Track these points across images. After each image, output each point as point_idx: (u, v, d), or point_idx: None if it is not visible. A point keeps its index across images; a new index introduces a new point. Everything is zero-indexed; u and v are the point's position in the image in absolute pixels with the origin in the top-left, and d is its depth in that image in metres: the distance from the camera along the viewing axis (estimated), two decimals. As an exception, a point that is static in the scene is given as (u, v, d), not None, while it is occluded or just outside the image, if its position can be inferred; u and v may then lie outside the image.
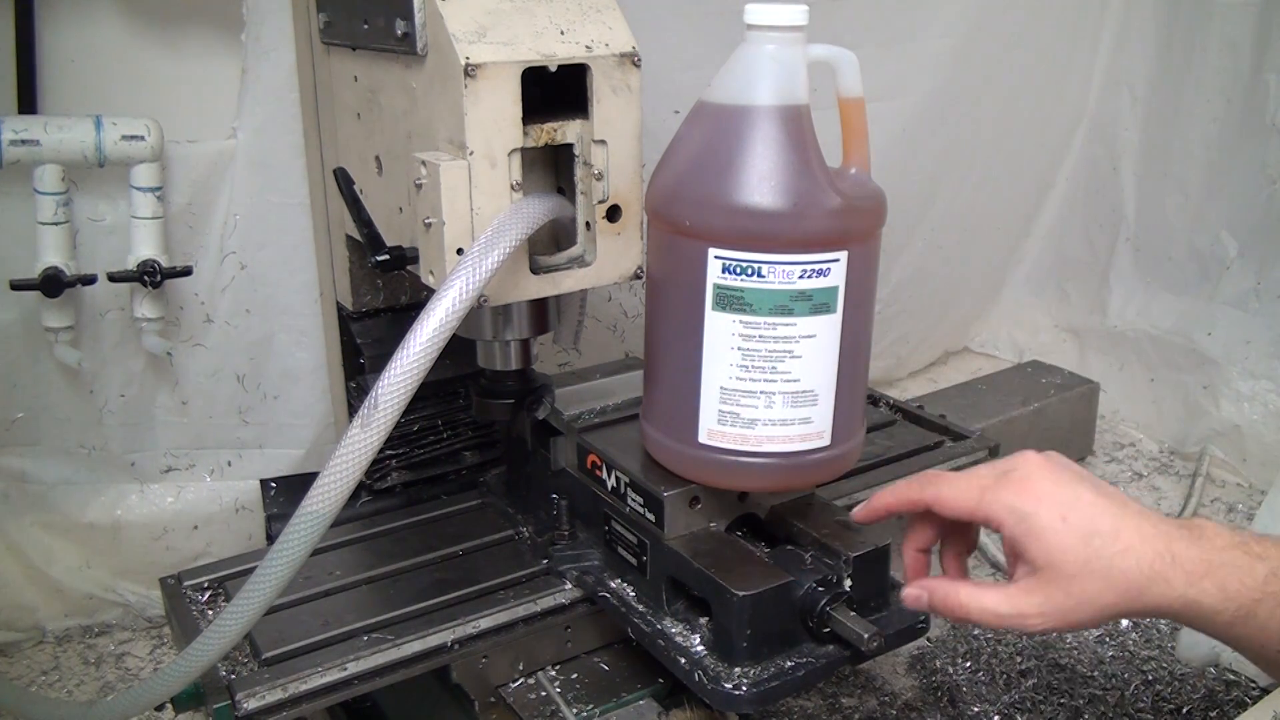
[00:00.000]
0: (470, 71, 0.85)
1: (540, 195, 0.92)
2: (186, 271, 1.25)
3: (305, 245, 1.30)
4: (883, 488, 0.85)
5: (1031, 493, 0.72)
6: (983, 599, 0.74)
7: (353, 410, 1.21)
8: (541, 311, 1.08)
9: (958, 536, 0.83)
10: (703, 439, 0.91)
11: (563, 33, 0.91)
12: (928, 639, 1.36)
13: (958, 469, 1.30)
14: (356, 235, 1.05)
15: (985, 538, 1.51)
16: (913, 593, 0.79)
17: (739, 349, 0.87)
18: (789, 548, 0.94)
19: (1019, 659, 1.34)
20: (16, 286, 1.18)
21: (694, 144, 0.88)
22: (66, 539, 1.38)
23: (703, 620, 0.93)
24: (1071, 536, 0.70)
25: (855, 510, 0.86)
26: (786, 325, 0.86)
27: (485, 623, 1.00)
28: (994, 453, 1.33)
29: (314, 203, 1.26)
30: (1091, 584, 0.69)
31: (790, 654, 0.89)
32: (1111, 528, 0.70)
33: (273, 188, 1.28)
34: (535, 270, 0.95)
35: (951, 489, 0.77)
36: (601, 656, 1.11)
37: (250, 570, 0.86)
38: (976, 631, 1.39)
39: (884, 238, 0.92)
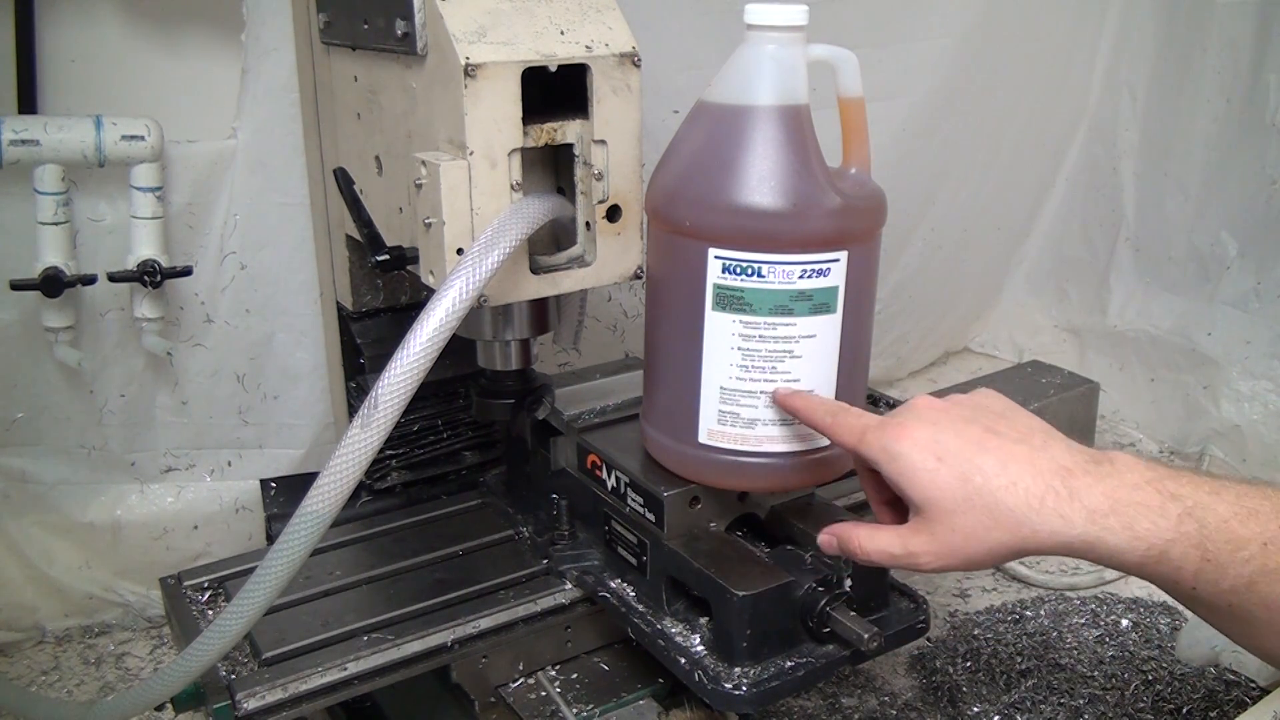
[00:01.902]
0: (470, 71, 0.85)
1: (540, 195, 0.92)
2: (186, 271, 1.25)
3: (305, 245, 1.30)
4: (805, 392, 0.85)
5: (908, 435, 0.72)
6: (877, 539, 0.74)
7: (353, 410, 1.21)
8: (541, 311, 1.08)
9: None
10: (703, 439, 0.91)
11: (563, 33, 0.91)
12: (928, 639, 1.36)
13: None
14: (356, 235, 1.05)
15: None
16: (824, 538, 0.80)
17: (739, 349, 0.87)
18: (789, 548, 0.94)
19: (1019, 659, 1.34)
20: (16, 286, 1.18)
21: (694, 144, 0.88)
22: (66, 539, 1.38)
23: (703, 620, 0.93)
24: (948, 475, 0.69)
25: (778, 393, 0.86)
26: (786, 325, 0.86)
27: (485, 623, 1.00)
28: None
29: (314, 203, 1.26)
30: (974, 520, 0.68)
31: (790, 654, 0.89)
32: (996, 464, 0.69)
33: (273, 188, 1.28)
34: (535, 270, 0.95)
35: (843, 423, 0.78)
36: (601, 656, 1.11)
37: (250, 570, 0.86)
38: (976, 631, 1.40)
39: (884, 238, 0.92)
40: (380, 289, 1.24)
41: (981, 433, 0.71)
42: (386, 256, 0.98)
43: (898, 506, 0.79)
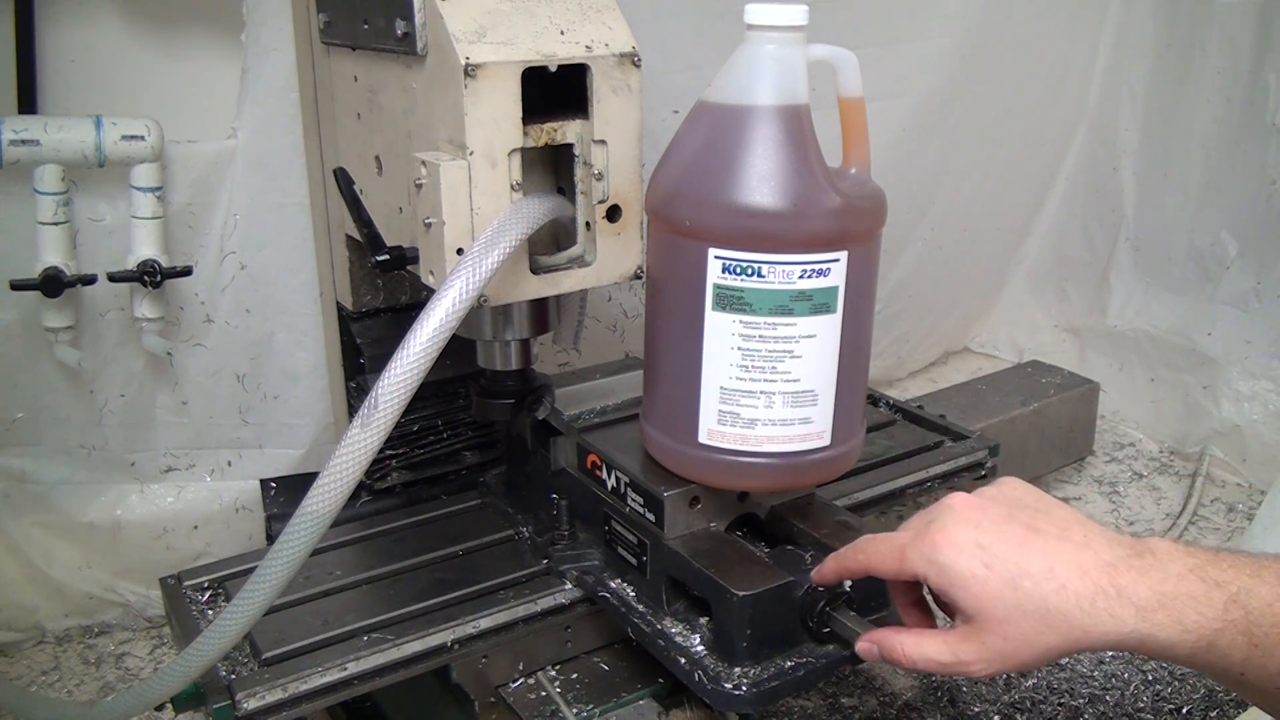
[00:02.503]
0: (470, 71, 0.85)
1: (540, 195, 0.92)
2: (186, 271, 1.25)
3: (305, 245, 1.30)
4: (831, 555, 0.84)
5: (950, 542, 0.71)
6: (923, 647, 0.73)
7: (353, 410, 1.21)
8: (541, 311, 1.08)
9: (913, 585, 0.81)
10: (703, 439, 0.91)
11: (563, 33, 0.91)
12: (928, 639, 1.36)
13: (958, 469, 1.30)
14: (356, 235, 1.05)
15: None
16: (864, 645, 0.80)
17: (739, 349, 0.87)
18: (789, 548, 0.94)
19: (1019, 659, 1.34)
20: (16, 286, 1.18)
21: (694, 144, 0.88)
22: (66, 539, 1.38)
23: (703, 620, 0.93)
24: (997, 582, 0.68)
25: (813, 573, 0.86)
26: (786, 325, 0.86)
27: (485, 623, 1.00)
28: (994, 453, 1.33)
29: (314, 203, 1.26)
30: (1027, 626, 0.68)
31: (790, 654, 0.89)
32: (1043, 566, 0.68)
33: (273, 188, 1.28)
34: (535, 270, 0.95)
35: (877, 553, 0.76)
36: (601, 656, 1.11)
37: (250, 570, 0.86)
38: (976, 631, 1.39)
39: (884, 238, 0.92)
40: (380, 289, 1.24)
41: (1023, 531, 0.70)
42: (386, 256, 0.98)
43: (924, 607, 0.79)
